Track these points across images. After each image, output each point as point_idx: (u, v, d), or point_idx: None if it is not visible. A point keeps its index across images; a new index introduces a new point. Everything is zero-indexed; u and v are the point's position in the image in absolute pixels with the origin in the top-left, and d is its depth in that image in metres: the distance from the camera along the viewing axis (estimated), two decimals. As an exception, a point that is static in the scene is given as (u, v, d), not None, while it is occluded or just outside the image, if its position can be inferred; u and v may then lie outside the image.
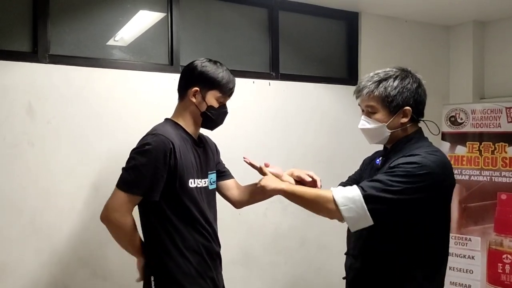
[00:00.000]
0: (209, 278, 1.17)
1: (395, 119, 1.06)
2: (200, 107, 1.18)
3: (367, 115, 1.10)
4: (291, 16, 2.13)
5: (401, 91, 1.05)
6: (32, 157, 1.49)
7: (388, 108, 1.06)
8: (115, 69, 1.66)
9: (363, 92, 1.08)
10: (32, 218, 1.49)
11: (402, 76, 1.07)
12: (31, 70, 1.50)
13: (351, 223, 1.00)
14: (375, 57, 2.30)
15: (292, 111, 2.06)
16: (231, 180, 1.35)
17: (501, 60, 2.42)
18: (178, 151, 1.11)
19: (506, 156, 2.09)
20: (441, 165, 1.00)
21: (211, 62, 1.20)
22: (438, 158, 1.01)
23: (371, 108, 1.08)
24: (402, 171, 0.98)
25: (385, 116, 1.07)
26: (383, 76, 1.07)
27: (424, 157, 0.99)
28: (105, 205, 1.12)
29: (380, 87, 1.06)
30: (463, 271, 2.11)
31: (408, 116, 1.06)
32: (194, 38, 1.89)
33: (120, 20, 1.73)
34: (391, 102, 1.05)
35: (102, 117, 1.61)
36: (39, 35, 1.54)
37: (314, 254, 2.11)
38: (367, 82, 1.09)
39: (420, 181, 0.96)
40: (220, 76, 1.18)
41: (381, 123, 1.07)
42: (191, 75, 1.19)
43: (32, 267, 1.49)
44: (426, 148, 1.04)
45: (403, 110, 1.06)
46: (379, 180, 0.99)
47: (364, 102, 1.10)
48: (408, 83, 1.06)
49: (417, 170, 0.97)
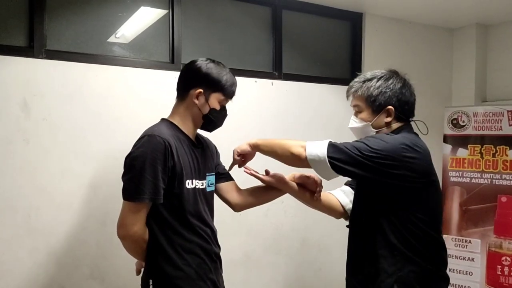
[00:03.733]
0: (209, 280, 1.15)
1: (379, 118, 1.11)
2: (202, 109, 1.16)
3: (355, 114, 1.16)
4: (295, 15, 2.11)
5: (383, 91, 1.10)
6: (28, 154, 1.46)
7: (371, 107, 1.11)
8: (114, 66, 1.62)
9: (350, 91, 1.15)
10: (28, 217, 1.46)
11: (386, 76, 1.12)
12: (27, 65, 1.46)
13: (314, 166, 1.07)
14: (378, 58, 2.29)
15: (295, 112, 2.05)
16: (230, 182, 1.32)
17: (503, 63, 2.43)
18: (175, 151, 1.09)
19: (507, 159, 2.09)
20: (408, 146, 1.03)
21: (215, 63, 1.18)
22: (410, 140, 1.05)
23: (357, 107, 1.14)
24: (367, 140, 1.05)
25: (369, 115, 1.11)
26: (369, 76, 1.13)
27: (395, 136, 1.05)
28: (119, 222, 1.08)
29: (364, 87, 1.11)
30: (462, 273, 2.12)
31: (391, 116, 1.10)
32: (195, 35, 1.86)
33: (120, 16, 1.69)
34: (373, 101, 1.10)
35: (100, 114, 1.58)
36: (36, 29, 1.50)
37: (314, 255, 2.10)
38: (354, 82, 1.15)
39: (380, 149, 1.00)
40: (225, 79, 1.15)
41: (366, 122, 1.12)
42: (195, 76, 1.16)
43: (27, 267, 1.46)
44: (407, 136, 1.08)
45: (386, 109, 1.10)
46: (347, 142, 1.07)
47: (352, 102, 1.16)
48: (391, 83, 1.10)
49: (381, 140, 1.03)
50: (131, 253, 1.15)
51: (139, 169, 1.05)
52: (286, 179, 1.23)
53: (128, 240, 1.10)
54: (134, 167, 1.06)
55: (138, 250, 1.12)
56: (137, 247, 1.11)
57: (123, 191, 1.08)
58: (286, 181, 1.23)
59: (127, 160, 1.10)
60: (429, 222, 1.06)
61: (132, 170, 1.06)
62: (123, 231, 1.08)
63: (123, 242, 1.10)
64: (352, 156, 1.01)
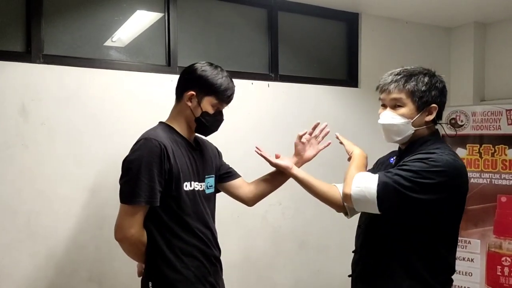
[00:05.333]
0: (208, 283, 1.15)
1: (421, 116, 1.04)
2: (194, 112, 1.16)
3: (392, 108, 1.05)
4: (291, 16, 2.11)
5: (430, 87, 1.03)
6: (27, 159, 1.47)
7: (417, 103, 1.03)
8: (111, 70, 1.63)
9: (391, 86, 1.05)
10: (27, 221, 1.47)
11: (430, 74, 1.06)
12: (25, 70, 1.47)
13: (357, 204, 1.02)
14: (375, 59, 2.28)
15: (292, 113, 2.04)
16: (238, 179, 1.33)
17: (502, 62, 2.41)
18: (172, 154, 1.09)
19: (506, 159, 2.08)
20: (457, 167, 0.99)
21: (212, 66, 1.17)
22: (454, 160, 1.00)
23: (399, 101, 1.04)
24: (415, 166, 0.97)
25: (412, 111, 1.03)
26: (412, 71, 1.05)
27: (440, 155, 0.99)
28: (116, 225, 1.09)
29: (412, 81, 1.03)
30: (462, 274, 2.11)
31: (433, 114, 1.05)
32: (192, 38, 1.86)
33: (116, 20, 1.70)
34: (420, 97, 1.03)
35: (98, 118, 1.59)
36: (33, 35, 1.51)
37: (313, 256, 2.10)
38: (395, 76, 1.05)
39: (432, 178, 0.95)
40: (219, 83, 1.15)
41: (407, 119, 1.04)
42: (189, 78, 1.16)
43: (27, 270, 1.47)
44: (443, 149, 1.03)
45: (429, 108, 1.04)
46: (394, 172, 0.99)
47: (391, 95, 1.05)
48: (436, 81, 1.05)
49: (431, 167, 0.96)
50: (130, 255, 1.15)
51: (136, 172, 1.05)
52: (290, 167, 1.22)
53: (125, 243, 1.10)
54: (130, 170, 1.07)
55: (137, 252, 1.13)
56: (135, 249, 1.12)
57: (120, 194, 1.08)
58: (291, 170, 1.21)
59: (124, 163, 1.10)
60: (454, 249, 1.06)
61: (129, 173, 1.07)
62: (120, 234, 1.08)
63: (121, 245, 1.11)
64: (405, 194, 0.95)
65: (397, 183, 0.96)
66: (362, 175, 1.04)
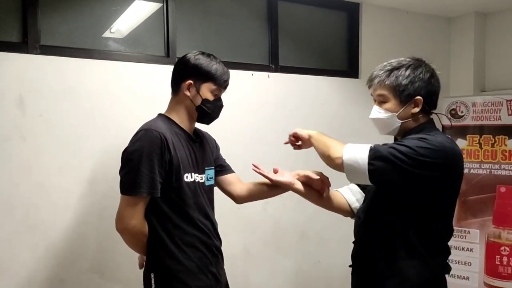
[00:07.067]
0: (210, 273, 1.16)
1: (406, 109, 1.05)
2: (194, 101, 1.15)
3: (379, 104, 1.08)
4: (291, 6, 2.08)
5: (413, 80, 1.04)
6: (25, 151, 1.46)
7: (399, 97, 1.04)
8: (109, 61, 1.61)
9: (375, 81, 1.07)
10: (26, 214, 1.46)
11: (415, 65, 1.06)
12: (21, 61, 1.45)
13: (348, 171, 1.02)
14: (376, 49, 2.27)
15: (292, 104, 2.03)
16: (231, 174, 1.33)
17: (502, 52, 2.40)
18: (172, 145, 1.09)
19: (506, 149, 2.09)
20: (452, 148, 1.00)
21: (204, 54, 1.18)
22: (449, 142, 1.01)
23: (382, 97, 1.07)
24: (412, 143, 0.98)
25: (396, 105, 1.05)
26: (395, 65, 1.06)
27: (436, 137, 1.00)
28: (117, 216, 1.09)
29: (392, 76, 1.04)
30: (461, 263, 2.13)
31: (419, 106, 1.05)
32: (191, 29, 1.84)
33: (114, 10, 1.67)
34: (402, 91, 1.04)
35: (96, 109, 1.57)
36: (29, 25, 1.48)
37: (313, 247, 2.11)
38: (379, 71, 1.07)
39: (427, 156, 0.95)
40: (214, 68, 1.15)
41: (392, 113, 1.05)
42: (184, 68, 1.16)
43: (27, 264, 1.47)
44: (439, 134, 1.04)
45: (414, 100, 1.05)
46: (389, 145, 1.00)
47: (375, 91, 1.09)
48: (420, 72, 1.05)
49: (427, 145, 0.96)
50: (131, 246, 1.15)
51: (136, 163, 1.05)
52: (292, 183, 1.21)
53: (126, 234, 1.10)
54: (131, 161, 1.06)
55: (138, 243, 1.13)
56: (136, 240, 1.12)
57: (120, 185, 1.08)
58: (293, 186, 1.21)
59: (124, 154, 1.10)
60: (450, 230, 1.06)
61: (129, 164, 1.07)
62: (121, 225, 1.08)
63: (122, 236, 1.11)
64: (397, 164, 0.95)
65: (391, 154, 0.97)
66: (353, 144, 1.04)
